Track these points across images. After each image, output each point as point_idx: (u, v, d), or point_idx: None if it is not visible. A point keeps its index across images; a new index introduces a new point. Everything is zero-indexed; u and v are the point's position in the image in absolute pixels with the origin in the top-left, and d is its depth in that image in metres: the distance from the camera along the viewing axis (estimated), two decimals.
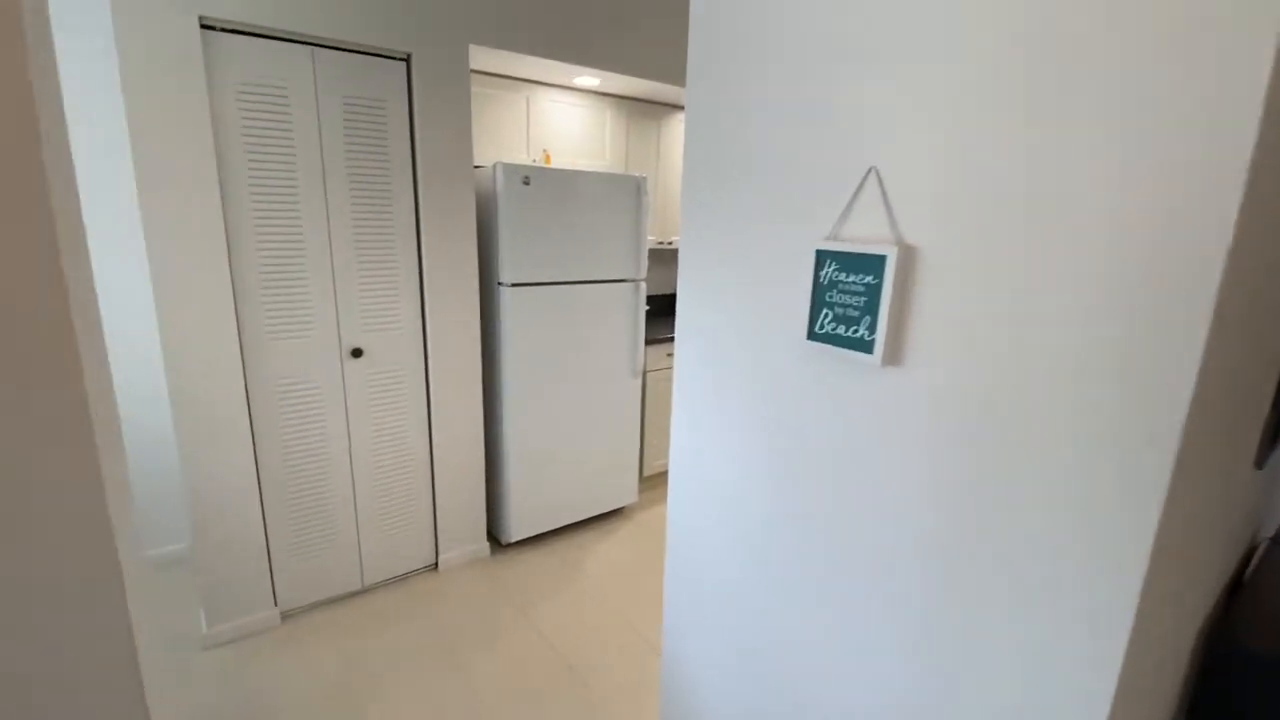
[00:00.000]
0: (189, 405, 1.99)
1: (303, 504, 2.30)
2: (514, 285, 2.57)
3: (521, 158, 3.02)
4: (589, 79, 2.96)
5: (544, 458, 2.82)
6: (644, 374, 3.26)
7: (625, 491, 3.17)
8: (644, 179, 2.85)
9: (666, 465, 3.50)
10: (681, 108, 3.55)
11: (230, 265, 2.01)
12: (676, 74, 3.00)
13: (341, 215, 2.18)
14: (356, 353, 2.29)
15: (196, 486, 2.05)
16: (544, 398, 2.76)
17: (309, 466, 2.28)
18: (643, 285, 2.96)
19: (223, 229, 1.96)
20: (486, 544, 2.81)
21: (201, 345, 1.98)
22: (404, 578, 2.62)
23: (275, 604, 2.31)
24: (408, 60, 2.22)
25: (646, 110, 3.40)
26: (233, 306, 2.01)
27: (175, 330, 1.93)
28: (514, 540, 2.82)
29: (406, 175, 2.29)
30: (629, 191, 2.82)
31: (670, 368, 3.39)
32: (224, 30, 1.88)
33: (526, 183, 2.51)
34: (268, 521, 2.23)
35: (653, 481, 3.58)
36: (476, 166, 2.66)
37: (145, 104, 1.78)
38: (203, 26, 1.84)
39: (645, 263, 2.95)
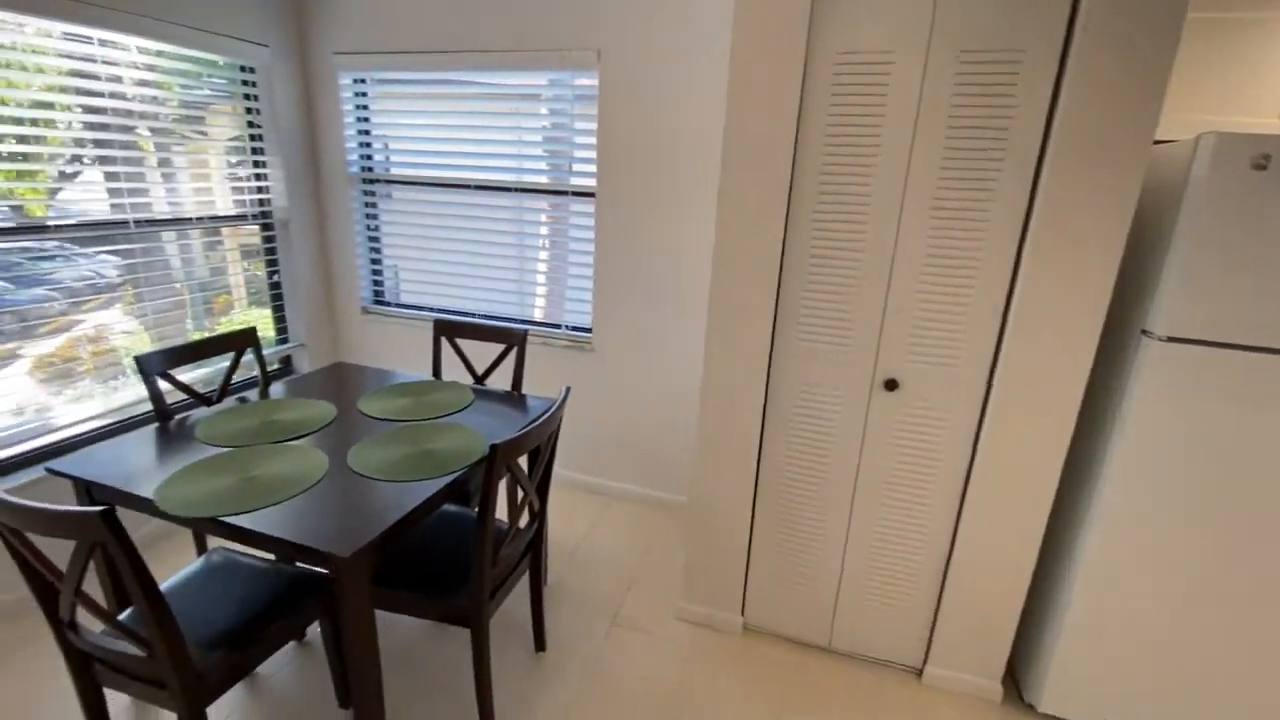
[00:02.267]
0: (715, 379, 1.99)
1: (790, 526, 2.07)
2: (1172, 340, 1.53)
3: (1265, 123, 1.76)
4: None
5: (1148, 620, 1.71)
6: None
7: None
8: None
9: None
10: None
11: (782, 253, 1.84)
12: None
13: (918, 209, 1.69)
14: (891, 384, 1.82)
15: (702, 467, 2.08)
16: (1178, 533, 1.63)
17: (806, 490, 2.01)
18: None
19: (784, 214, 1.79)
20: (999, 686, 1.97)
21: (738, 324, 1.92)
22: (876, 664, 2.11)
23: (741, 613, 2.21)
24: None
25: None
26: (774, 297, 1.86)
27: (720, 302, 1.92)
28: (1044, 710, 1.87)
29: (1026, 157, 1.59)
30: None
31: None
32: None
33: (1262, 165, 1.40)
34: (754, 528, 2.11)
35: None
36: (1157, 141, 1.66)
37: (746, 82, 1.73)
38: None
39: None
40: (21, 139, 2.16)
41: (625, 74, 2.56)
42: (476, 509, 1.66)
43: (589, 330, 2.98)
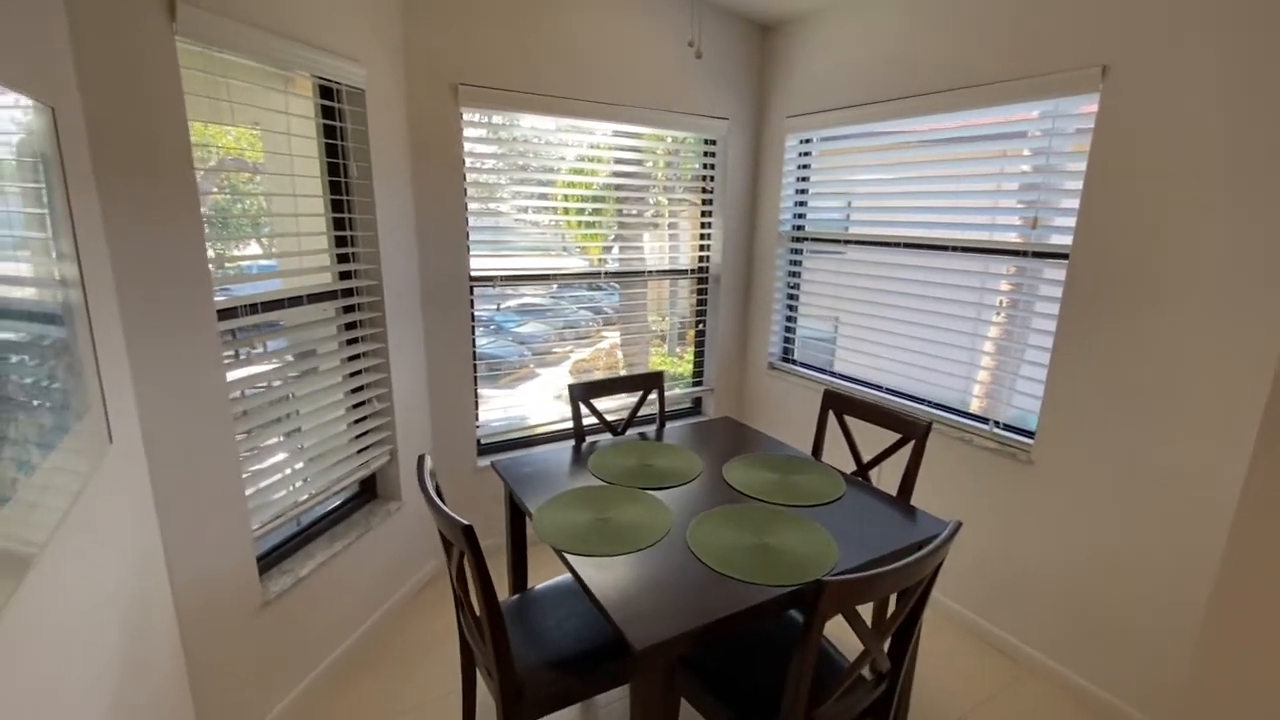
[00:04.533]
0: (1233, 600, 1.14)
1: None
2: None
3: None
4: None
5: None
6: None
7: None
8: None
9: None
10: None
11: None
12: None
13: None
14: None
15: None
16: None
17: None
18: None
19: None
20: None
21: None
22: None
23: None
24: None
25: None
26: None
27: (1269, 467, 1.09)
28: None
29: None
30: None
31: None
32: None
33: None
34: None
35: None
36: None
37: None
38: None
39: None
40: (594, 210, 3.06)
41: (1141, 93, 1.80)
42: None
43: (1030, 434, 2.22)
